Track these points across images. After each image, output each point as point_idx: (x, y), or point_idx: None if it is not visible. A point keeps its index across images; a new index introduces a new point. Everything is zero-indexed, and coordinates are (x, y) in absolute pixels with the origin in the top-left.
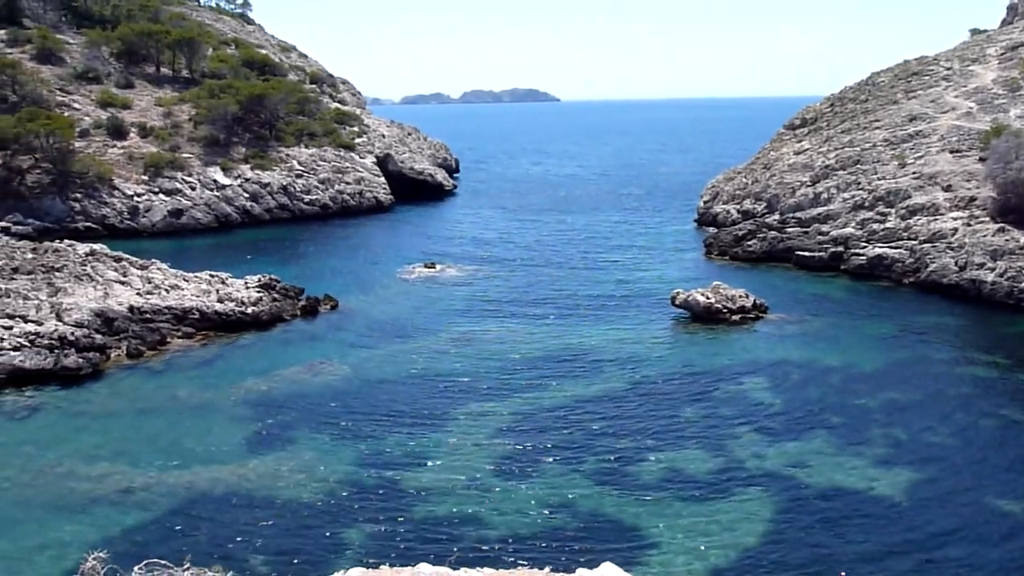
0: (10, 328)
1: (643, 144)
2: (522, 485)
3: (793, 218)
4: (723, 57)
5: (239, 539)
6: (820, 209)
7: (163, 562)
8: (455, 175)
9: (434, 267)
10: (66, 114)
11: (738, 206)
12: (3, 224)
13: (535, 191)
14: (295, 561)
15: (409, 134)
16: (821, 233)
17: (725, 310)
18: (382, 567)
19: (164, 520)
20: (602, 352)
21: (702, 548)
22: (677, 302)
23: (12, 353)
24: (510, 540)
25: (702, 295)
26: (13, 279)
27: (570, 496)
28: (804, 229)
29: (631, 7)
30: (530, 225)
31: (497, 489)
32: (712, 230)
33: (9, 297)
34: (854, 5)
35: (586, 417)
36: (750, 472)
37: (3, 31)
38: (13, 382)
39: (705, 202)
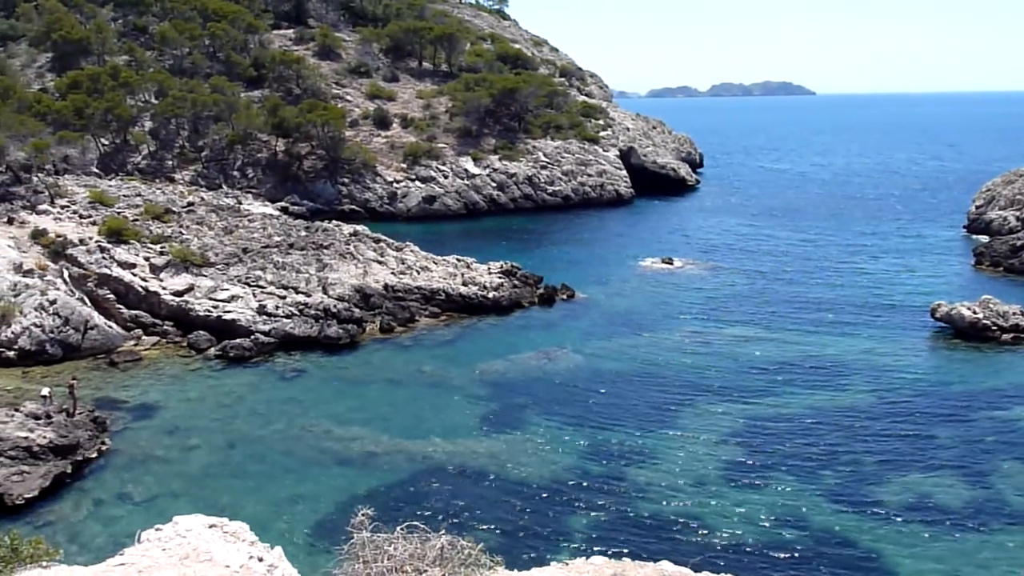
0: (284, 298)
1: (903, 141)
2: (751, 493)
3: None
4: (1001, 47)
5: (470, 511)
6: None
7: (421, 526)
8: (699, 170)
9: (671, 262)
10: (339, 105)
11: (1018, 212)
12: (283, 204)
13: (781, 189)
14: (520, 536)
15: (654, 127)
16: None
17: (995, 327)
18: (624, 559)
19: (405, 484)
20: (846, 362)
21: None
22: (938, 315)
23: (285, 320)
24: (735, 548)
25: (968, 309)
26: (289, 254)
27: (802, 511)
28: None
29: None
30: (773, 225)
31: (725, 494)
32: (984, 238)
33: (285, 270)
34: None
35: (825, 429)
36: (1014, 508)
37: (292, 30)
38: (284, 346)
39: (978, 207)
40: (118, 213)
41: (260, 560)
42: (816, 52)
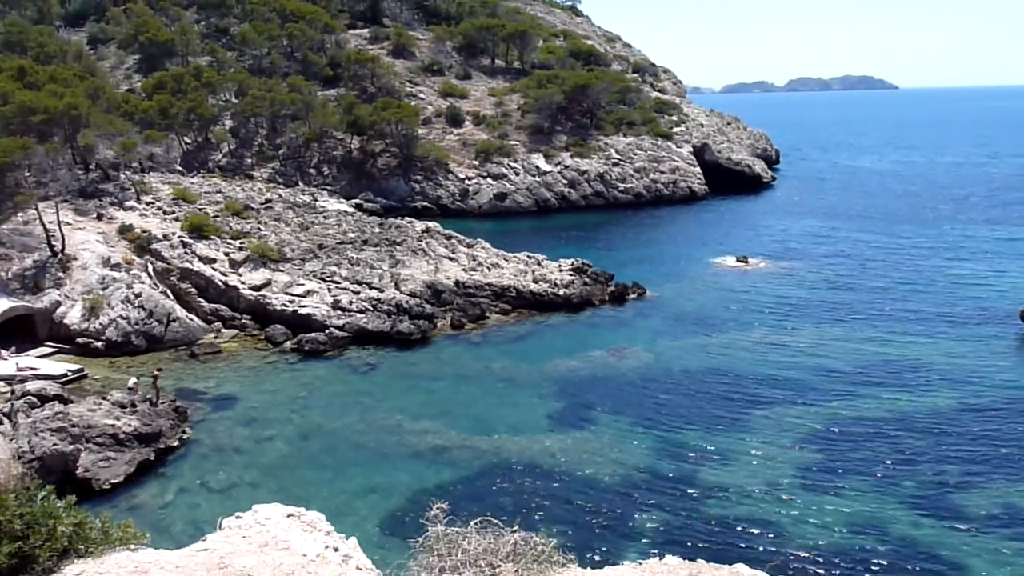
0: (358, 293)
1: (991, 137)
2: (826, 498)
3: None
4: None
5: (539, 507)
6: None
7: (495, 521)
8: (775, 167)
9: (746, 261)
10: (413, 103)
11: None
12: (357, 201)
13: (860, 187)
14: (590, 534)
15: (728, 123)
16: None
17: None
18: (699, 560)
19: (474, 480)
20: (929, 366)
21: None
22: None
23: (358, 315)
24: (809, 554)
25: None
26: (363, 250)
27: (881, 518)
28: None
29: None
30: (852, 223)
31: (799, 499)
32: None
33: (359, 265)
34: None
35: (905, 434)
36: None
37: (367, 30)
38: (357, 341)
39: None
40: (200, 209)
41: (335, 550)
42: (899, 45)
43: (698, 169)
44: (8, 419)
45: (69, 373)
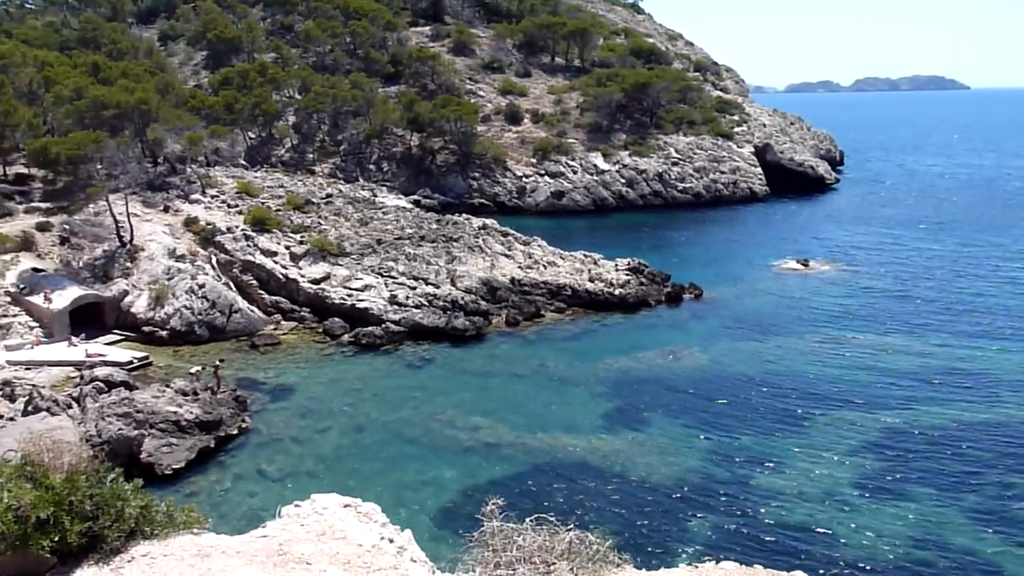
0: (415, 288)
1: None
2: (886, 508)
3: None
4: None
5: (592, 506)
6: None
7: (550, 518)
8: (839, 168)
9: (807, 264)
10: (472, 101)
11: None
12: (415, 197)
13: (927, 189)
14: (643, 535)
15: (792, 123)
16: None
17: None
18: (756, 566)
19: (526, 477)
20: (998, 376)
21: None
22: None
23: (414, 310)
24: (867, 564)
25: None
26: (420, 246)
27: (943, 530)
28: None
29: None
30: (918, 227)
31: (857, 507)
32: None
33: (416, 261)
34: None
35: (970, 446)
36: None
37: (428, 27)
38: (412, 335)
39: None
40: (262, 203)
41: (391, 541)
42: (972, 44)
43: (759, 169)
44: (77, 403)
45: (135, 360)
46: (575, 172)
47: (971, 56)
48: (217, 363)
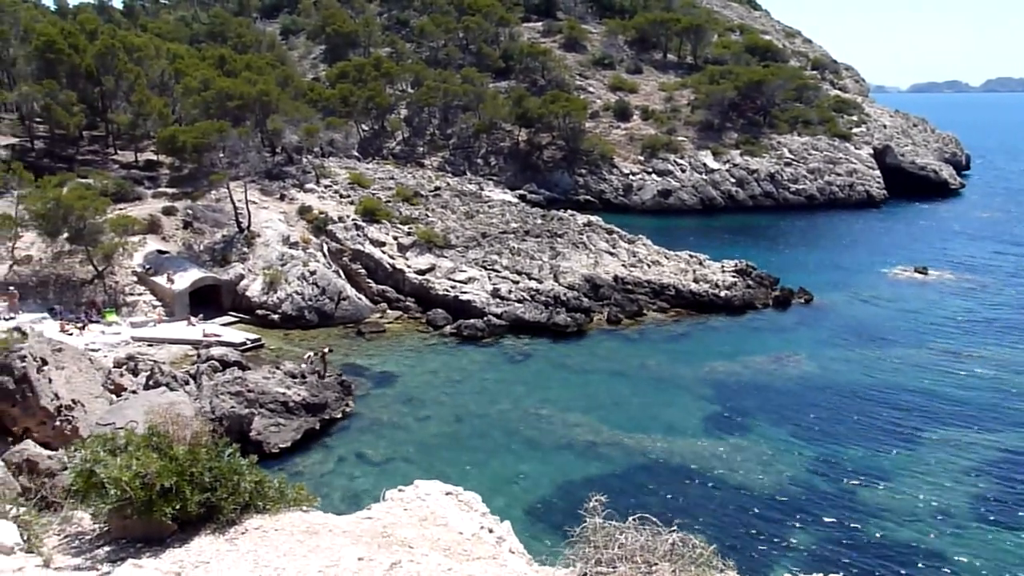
0: (517, 283)
1: None
2: (1004, 532)
3: None
4: None
5: (690, 510)
6: None
7: (652, 518)
8: (964, 173)
9: (925, 272)
10: (581, 97)
11: None
12: (521, 192)
13: None
14: (743, 542)
15: (914, 125)
16: None
17: None
18: None
19: (623, 476)
20: None
21: None
22: None
23: (516, 304)
24: None
25: None
26: (524, 240)
27: None
28: None
29: None
30: None
31: (971, 529)
32: None
33: (520, 256)
34: None
35: None
36: None
37: (540, 23)
38: (514, 329)
39: None
40: (373, 194)
41: (490, 531)
42: None
43: (877, 172)
44: (194, 380)
45: (248, 342)
46: (683, 171)
47: None
48: (326, 349)
